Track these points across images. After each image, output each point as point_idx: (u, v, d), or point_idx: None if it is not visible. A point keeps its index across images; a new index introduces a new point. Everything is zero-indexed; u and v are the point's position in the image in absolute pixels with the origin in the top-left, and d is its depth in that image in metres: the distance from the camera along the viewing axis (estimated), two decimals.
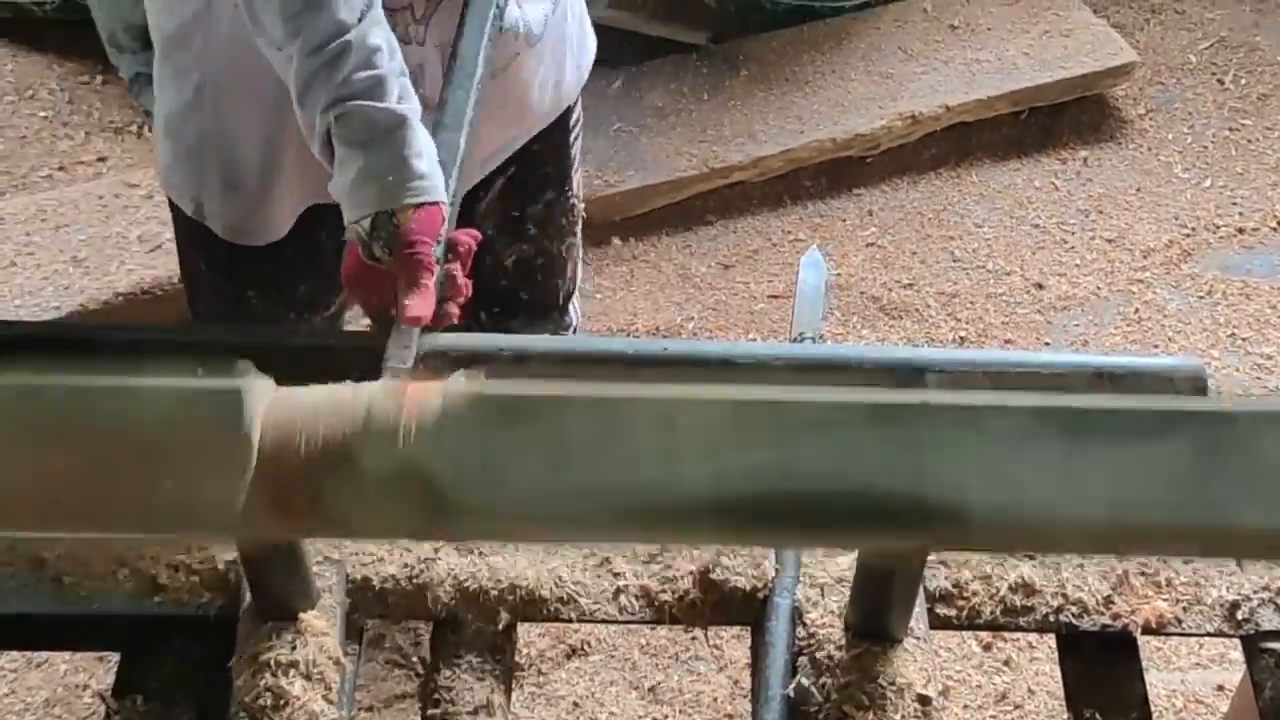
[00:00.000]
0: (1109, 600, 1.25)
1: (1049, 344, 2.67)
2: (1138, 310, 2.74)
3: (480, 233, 1.46)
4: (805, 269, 1.60)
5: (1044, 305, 2.75)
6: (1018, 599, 1.25)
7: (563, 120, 1.77)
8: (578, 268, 1.98)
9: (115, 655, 1.26)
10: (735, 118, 2.94)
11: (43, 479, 0.75)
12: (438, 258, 1.35)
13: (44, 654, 2.10)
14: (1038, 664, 2.15)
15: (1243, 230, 2.90)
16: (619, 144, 2.88)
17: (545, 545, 1.21)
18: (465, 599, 1.23)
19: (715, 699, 2.12)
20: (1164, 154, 3.06)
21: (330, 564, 1.22)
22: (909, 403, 0.78)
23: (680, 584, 1.25)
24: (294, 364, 0.88)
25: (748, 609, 1.24)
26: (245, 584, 1.17)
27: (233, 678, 1.14)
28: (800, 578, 1.22)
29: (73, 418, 0.77)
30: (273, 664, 1.13)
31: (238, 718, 1.12)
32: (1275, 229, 2.91)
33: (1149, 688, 1.25)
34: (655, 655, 2.17)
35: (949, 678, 2.12)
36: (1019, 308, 2.74)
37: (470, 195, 1.66)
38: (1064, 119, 3.10)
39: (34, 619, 1.24)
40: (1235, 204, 2.96)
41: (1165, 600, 1.26)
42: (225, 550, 1.22)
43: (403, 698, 2.07)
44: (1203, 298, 2.77)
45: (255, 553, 1.10)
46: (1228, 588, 1.26)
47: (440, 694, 1.20)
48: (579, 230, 1.92)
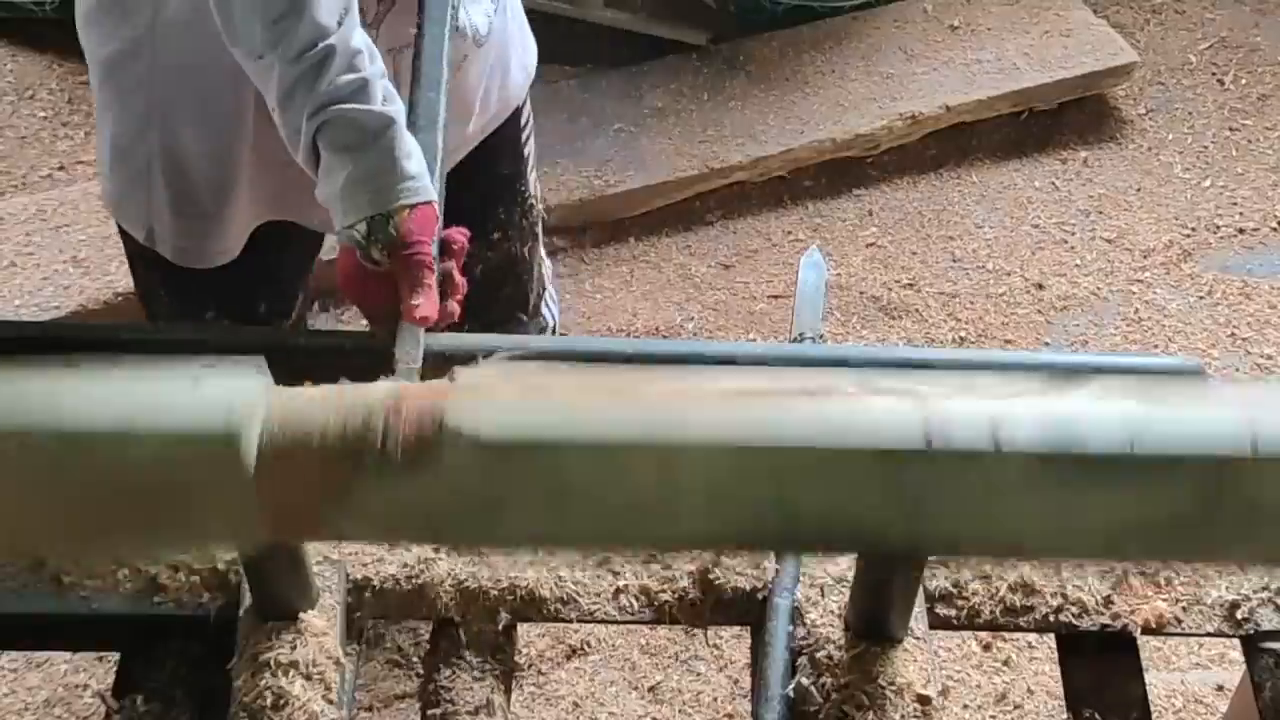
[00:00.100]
0: (1109, 600, 1.25)
1: (1049, 344, 2.67)
2: (1138, 310, 2.74)
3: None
4: (805, 269, 1.59)
5: (1044, 305, 2.74)
6: (1017, 599, 1.25)
7: (513, 120, 1.78)
8: (545, 269, 1.98)
9: (115, 655, 1.26)
10: (735, 118, 2.94)
11: (36, 524, 0.75)
12: (435, 256, 1.35)
13: (44, 654, 2.09)
14: (1038, 664, 2.15)
15: (1243, 230, 2.90)
16: (619, 144, 2.87)
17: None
18: (465, 599, 1.23)
19: (715, 699, 2.12)
20: (1164, 154, 3.06)
21: (330, 564, 1.22)
22: (910, 450, 0.78)
23: (680, 584, 1.25)
24: (294, 364, 0.88)
25: (748, 609, 1.24)
26: (245, 584, 1.17)
27: (233, 678, 1.14)
28: (800, 578, 1.22)
29: (68, 464, 0.76)
30: (273, 664, 1.13)
31: (238, 718, 1.12)
32: (1275, 229, 2.91)
33: (1149, 688, 1.25)
34: (655, 655, 2.17)
35: (949, 678, 2.12)
36: (1019, 308, 2.74)
37: None
38: (1064, 119, 3.10)
39: (34, 619, 1.24)
40: (1235, 204, 2.95)
41: (1165, 600, 1.26)
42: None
43: (403, 698, 2.08)
44: (1203, 298, 2.76)
45: (255, 553, 1.10)
46: (1227, 587, 1.26)
47: (440, 694, 1.20)
48: (539, 232, 1.93)
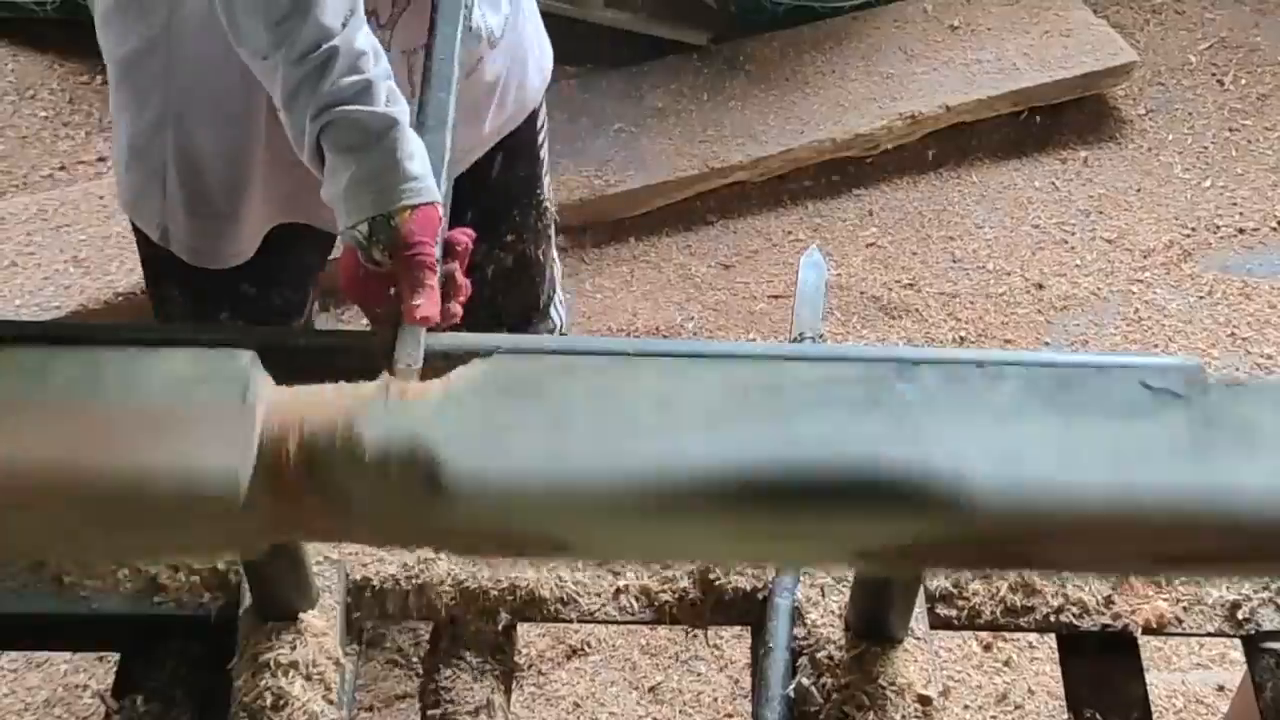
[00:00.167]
0: (1109, 600, 1.25)
1: (1049, 344, 2.66)
2: (1138, 310, 2.74)
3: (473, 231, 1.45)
4: (805, 269, 1.59)
5: (1044, 305, 2.74)
6: (1018, 599, 1.25)
7: (530, 122, 1.78)
8: (555, 270, 1.98)
9: (115, 655, 1.26)
10: (735, 118, 2.94)
11: (46, 445, 0.76)
12: (437, 257, 1.35)
13: (44, 654, 2.09)
14: (1038, 664, 2.14)
15: (1243, 230, 2.90)
16: (619, 144, 2.87)
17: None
18: (465, 599, 1.23)
19: (715, 699, 2.12)
20: (1164, 154, 3.06)
21: (330, 564, 1.22)
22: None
23: (680, 584, 1.25)
24: (294, 364, 0.88)
25: (748, 609, 1.25)
26: (245, 584, 1.18)
27: (233, 678, 1.15)
28: (800, 578, 1.22)
29: (80, 384, 0.78)
30: (273, 664, 1.13)
31: (238, 718, 1.12)
32: (1275, 229, 2.90)
33: (1149, 688, 1.25)
34: (655, 655, 2.17)
35: (949, 678, 2.12)
36: (1019, 308, 2.74)
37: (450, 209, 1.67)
38: (1064, 119, 3.10)
39: (34, 619, 1.24)
40: (1235, 204, 2.95)
41: (1165, 600, 1.26)
42: None
43: (403, 698, 2.07)
44: (1203, 298, 2.76)
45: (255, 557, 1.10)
46: (1228, 588, 1.26)
47: (440, 694, 1.20)
48: (553, 234, 1.93)
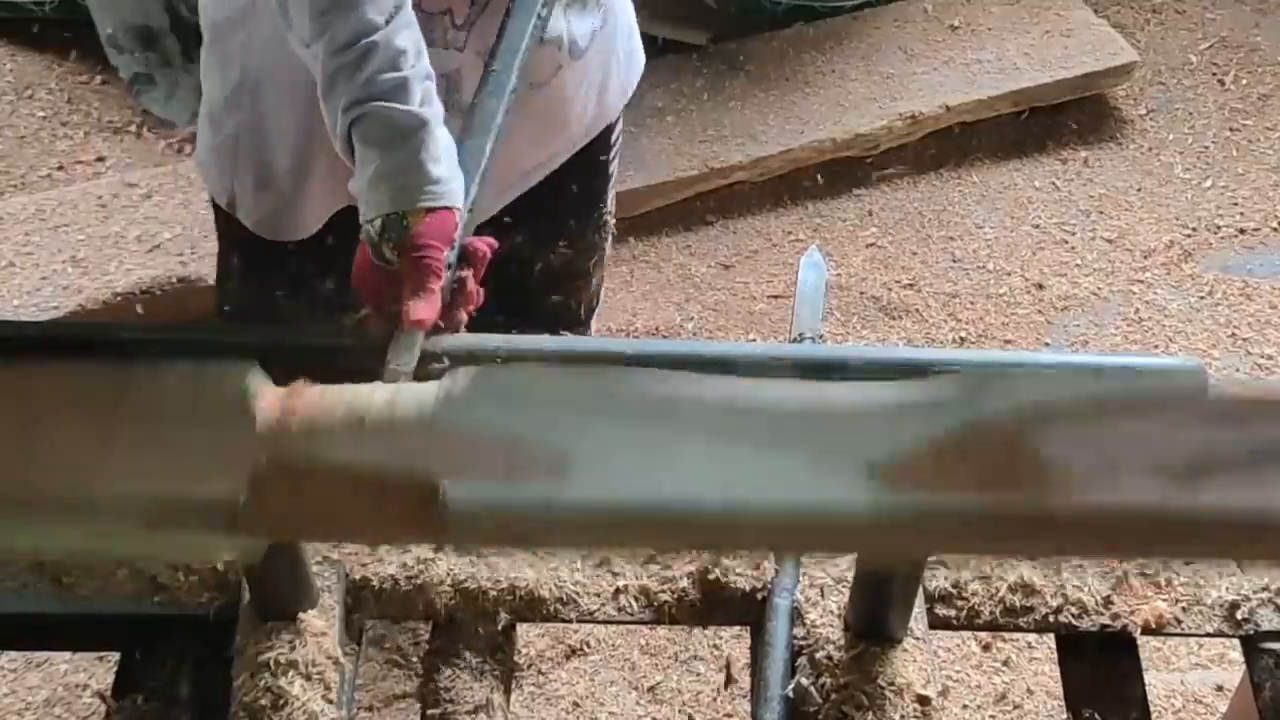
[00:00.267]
0: (1108, 600, 1.25)
1: (1049, 344, 2.66)
2: (1138, 310, 2.74)
3: (498, 242, 1.42)
4: (805, 269, 1.59)
5: (1044, 305, 2.74)
6: (1017, 599, 1.25)
7: (603, 136, 1.75)
8: (602, 283, 1.96)
9: (115, 655, 1.26)
10: (735, 118, 2.94)
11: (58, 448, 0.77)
12: (450, 263, 1.32)
13: (44, 654, 2.09)
14: (1037, 664, 2.14)
15: (1243, 230, 2.90)
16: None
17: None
18: (465, 599, 1.23)
19: (715, 699, 2.12)
20: (1164, 154, 3.06)
21: (330, 564, 1.22)
22: None
23: (679, 584, 1.25)
24: (296, 364, 0.88)
25: (747, 609, 1.24)
26: (245, 584, 1.17)
27: (233, 678, 1.15)
28: (800, 578, 1.22)
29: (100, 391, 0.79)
30: (272, 664, 1.13)
31: (238, 718, 1.12)
32: (1276, 229, 2.90)
33: (1148, 688, 1.25)
34: (655, 655, 2.17)
35: (948, 678, 2.12)
36: (1019, 308, 2.74)
37: (506, 208, 1.66)
38: (1064, 119, 3.10)
39: (34, 619, 1.24)
40: (1236, 204, 2.95)
41: (1165, 600, 1.26)
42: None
43: (403, 698, 2.07)
44: (1203, 298, 2.76)
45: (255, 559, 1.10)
46: (1227, 588, 1.26)
47: (440, 694, 1.20)
48: (608, 246, 1.91)
